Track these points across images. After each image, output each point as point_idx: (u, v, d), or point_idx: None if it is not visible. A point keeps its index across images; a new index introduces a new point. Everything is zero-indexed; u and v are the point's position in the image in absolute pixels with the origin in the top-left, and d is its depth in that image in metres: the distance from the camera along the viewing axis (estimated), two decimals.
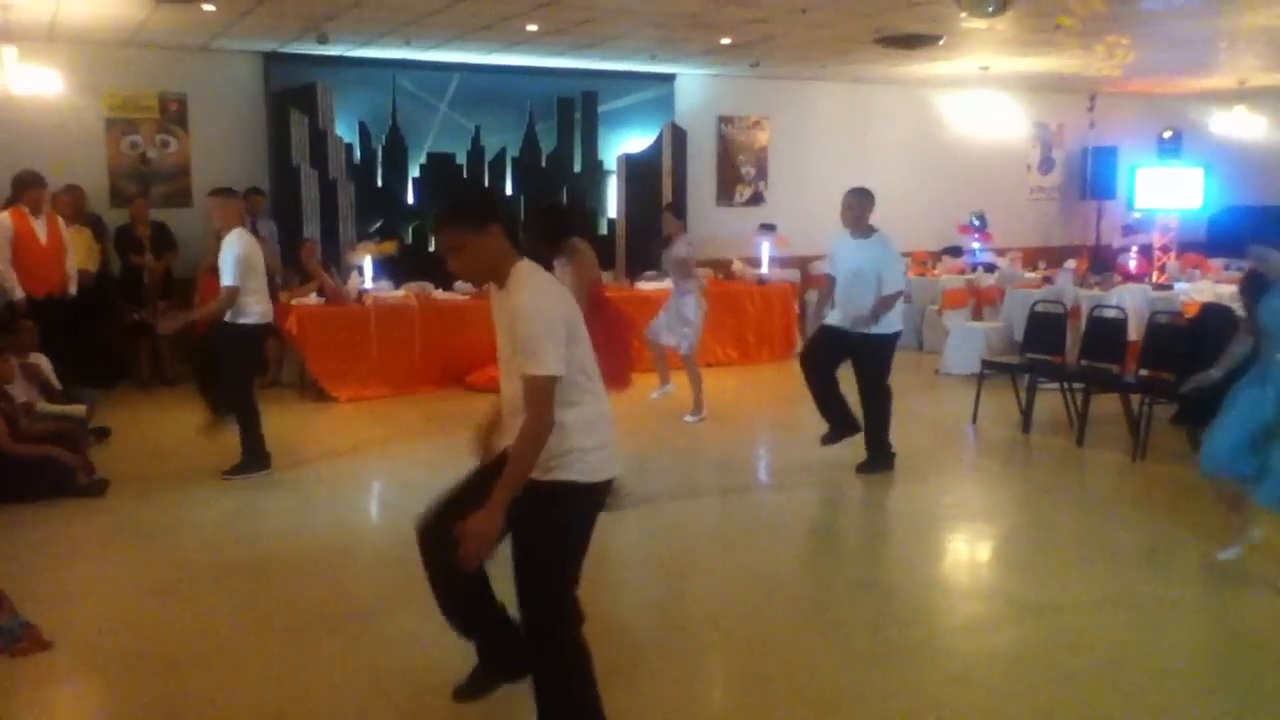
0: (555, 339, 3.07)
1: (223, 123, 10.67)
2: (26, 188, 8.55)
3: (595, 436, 3.20)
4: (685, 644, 4.37)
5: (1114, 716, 3.74)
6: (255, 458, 6.80)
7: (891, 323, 6.81)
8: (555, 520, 3.18)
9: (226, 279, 6.51)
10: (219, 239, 6.78)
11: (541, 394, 3.05)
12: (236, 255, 6.51)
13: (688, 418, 8.37)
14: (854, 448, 7.02)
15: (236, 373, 6.79)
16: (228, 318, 6.62)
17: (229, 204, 6.81)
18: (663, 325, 8.44)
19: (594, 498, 3.24)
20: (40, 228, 8.60)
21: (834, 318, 6.95)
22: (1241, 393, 5.03)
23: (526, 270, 3.20)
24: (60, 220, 8.87)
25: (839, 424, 6.96)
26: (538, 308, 3.10)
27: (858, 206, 6.81)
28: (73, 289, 8.84)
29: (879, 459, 6.93)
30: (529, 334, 3.06)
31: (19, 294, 8.37)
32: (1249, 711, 3.85)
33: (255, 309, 6.65)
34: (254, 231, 9.66)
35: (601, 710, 3.27)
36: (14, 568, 5.11)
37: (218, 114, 10.65)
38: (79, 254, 9.22)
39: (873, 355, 6.84)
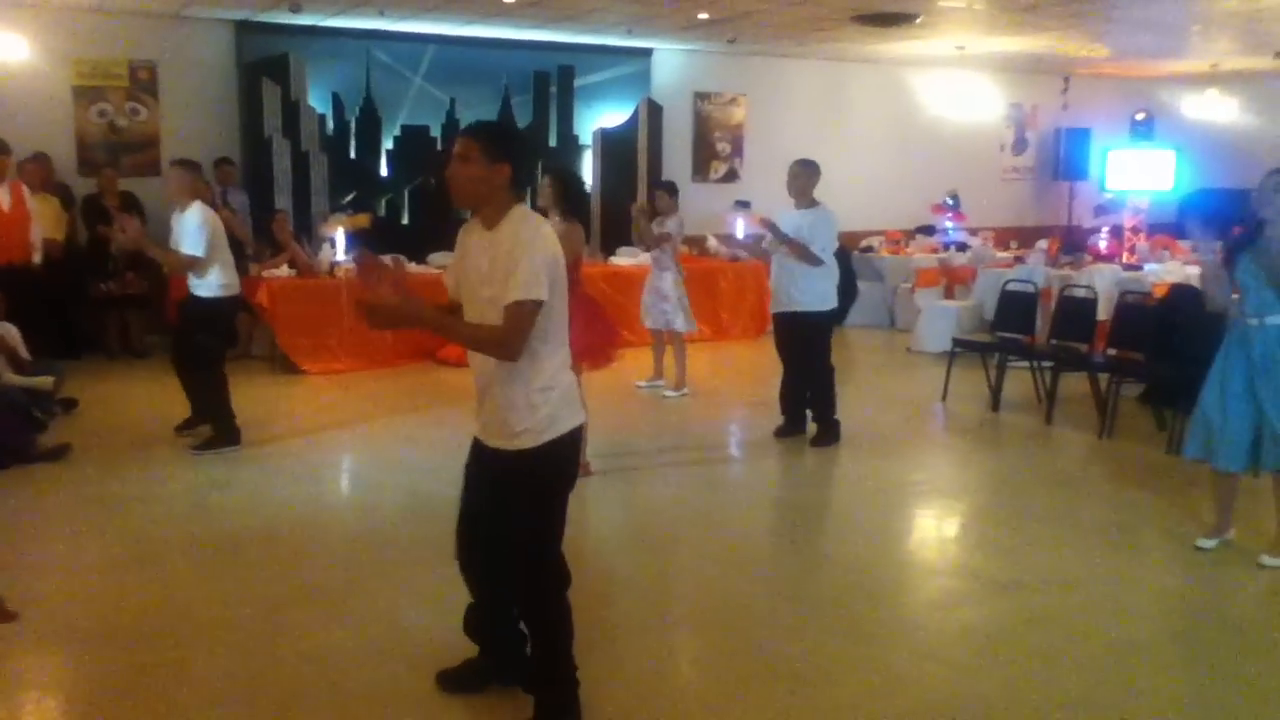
0: (548, 274, 3.07)
1: (194, 92, 10.52)
2: None
3: (570, 401, 3.27)
4: (657, 619, 4.39)
5: (1080, 692, 3.79)
6: (226, 432, 6.75)
7: (825, 298, 6.92)
8: (540, 480, 3.24)
9: (190, 248, 6.40)
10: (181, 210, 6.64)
11: (524, 319, 3.03)
12: (199, 224, 6.40)
13: (669, 393, 8.40)
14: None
15: (206, 346, 6.72)
16: (197, 291, 6.53)
17: (188, 176, 6.62)
18: (650, 308, 8.49)
19: (570, 451, 3.29)
20: (3, 195, 8.48)
21: (777, 304, 7.11)
22: (1220, 383, 5.01)
23: (526, 213, 3.19)
24: (24, 188, 8.74)
25: (792, 422, 7.15)
26: (538, 242, 3.09)
27: (803, 176, 6.92)
28: (36, 258, 8.71)
29: (828, 432, 7.06)
30: (528, 264, 3.03)
31: None
32: (1213, 687, 3.91)
33: (222, 280, 6.56)
34: (225, 203, 9.62)
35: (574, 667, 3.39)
36: None
37: (189, 83, 10.50)
38: (47, 223, 9.10)
39: (813, 331, 6.97)
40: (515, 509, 3.24)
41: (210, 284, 6.51)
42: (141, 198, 9.85)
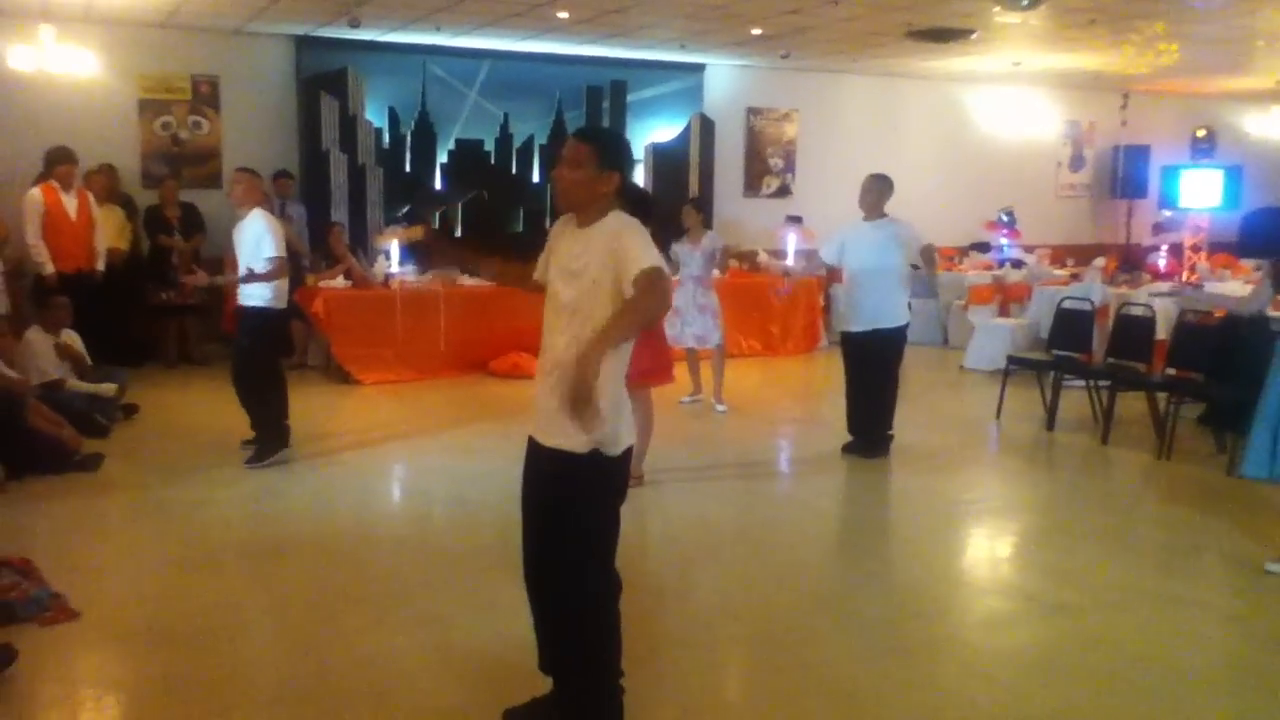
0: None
1: (254, 106, 10.74)
2: (58, 163, 8.64)
3: (627, 411, 3.25)
4: (703, 634, 4.37)
5: (1133, 716, 3.72)
6: (275, 439, 6.70)
7: (903, 314, 6.97)
8: (599, 489, 3.22)
9: (269, 250, 6.39)
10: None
11: (663, 280, 3.04)
12: (266, 228, 6.43)
13: (719, 408, 8.35)
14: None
15: (264, 357, 6.75)
16: (246, 302, 6.53)
17: (256, 182, 6.68)
18: (687, 325, 8.23)
19: (624, 465, 3.29)
20: (70, 204, 8.68)
21: (853, 323, 7.01)
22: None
23: (625, 217, 3.21)
24: (90, 196, 8.95)
25: (868, 443, 7.04)
26: (640, 231, 3.14)
27: (876, 190, 6.93)
28: (100, 266, 8.91)
29: (879, 445, 7.06)
30: (638, 245, 3.07)
31: (49, 269, 8.46)
32: (1269, 713, 3.82)
33: (272, 291, 6.54)
34: (282, 213, 9.78)
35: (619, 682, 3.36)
36: (43, 539, 5.19)
37: (249, 97, 10.71)
38: (111, 233, 9.32)
39: (888, 348, 6.98)
40: (570, 509, 3.21)
41: (261, 294, 6.50)
42: (202, 209, 10.05)
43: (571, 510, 3.22)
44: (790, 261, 11.72)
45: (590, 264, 3.14)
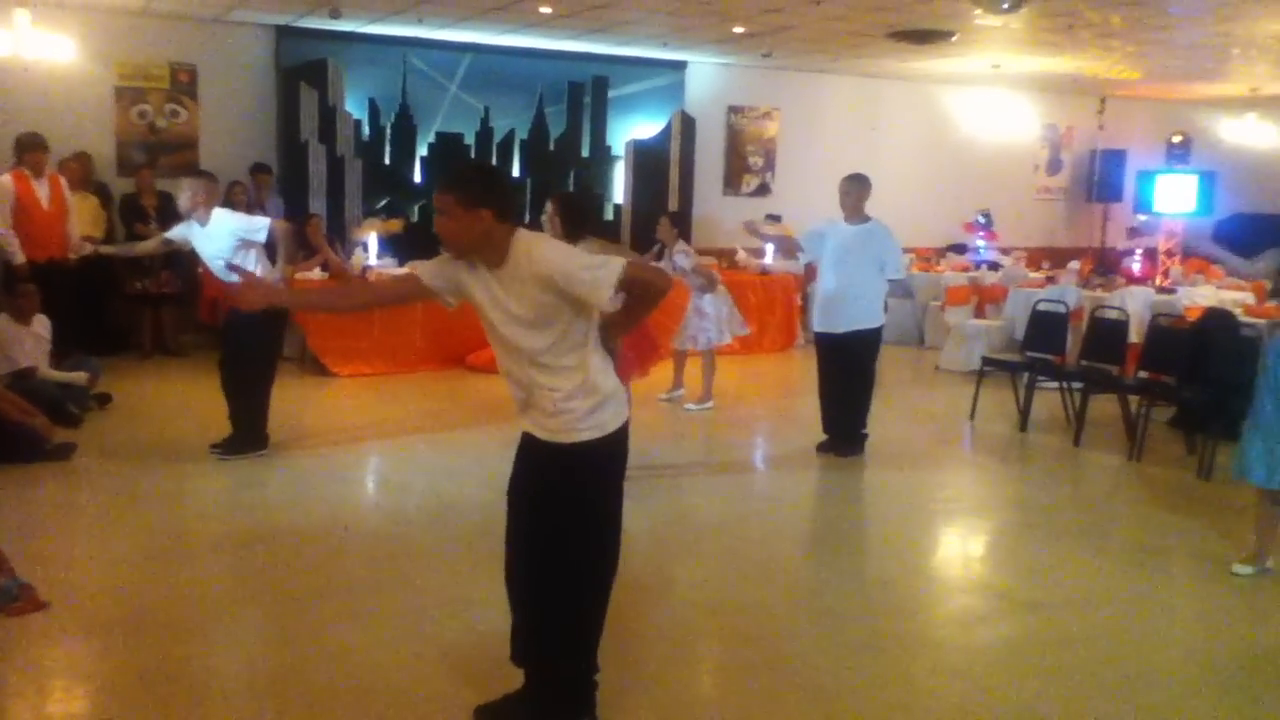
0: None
1: (233, 95, 10.66)
2: (28, 150, 8.51)
3: (618, 401, 3.30)
4: (679, 629, 4.39)
5: (1102, 712, 3.76)
6: (254, 436, 6.63)
7: (879, 315, 7.02)
8: (612, 470, 3.30)
9: (262, 236, 6.35)
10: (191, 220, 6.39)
11: (633, 270, 3.11)
12: (234, 226, 6.31)
13: (690, 406, 8.37)
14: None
15: (263, 352, 6.63)
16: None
17: (212, 187, 6.49)
18: (689, 331, 8.42)
19: (619, 447, 3.34)
20: (42, 191, 8.56)
21: (833, 324, 7.01)
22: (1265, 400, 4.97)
23: (530, 236, 3.17)
24: (64, 183, 8.83)
25: (843, 441, 7.08)
26: (568, 250, 3.19)
27: (855, 192, 6.95)
28: (73, 255, 8.79)
29: (854, 444, 7.09)
30: (582, 265, 3.07)
31: (20, 258, 8.35)
32: (1237, 711, 3.87)
33: (271, 276, 6.43)
34: (260, 208, 9.71)
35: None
36: (13, 529, 5.12)
37: (228, 86, 10.63)
38: (85, 221, 9.21)
39: (865, 349, 7.02)
40: (585, 500, 3.26)
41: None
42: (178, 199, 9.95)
43: (604, 494, 3.29)
44: (768, 260, 11.77)
45: (530, 292, 3.10)
